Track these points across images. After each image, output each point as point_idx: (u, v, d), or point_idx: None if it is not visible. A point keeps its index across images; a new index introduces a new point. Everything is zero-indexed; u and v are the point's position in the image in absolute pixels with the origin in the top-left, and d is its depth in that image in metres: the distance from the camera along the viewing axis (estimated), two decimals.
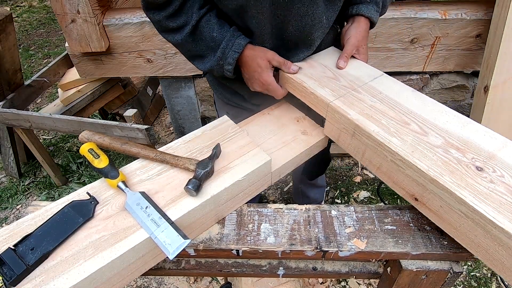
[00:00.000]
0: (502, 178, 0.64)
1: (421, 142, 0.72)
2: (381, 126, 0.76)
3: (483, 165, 0.66)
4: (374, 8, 0.96)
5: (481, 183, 0.63)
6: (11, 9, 5.15)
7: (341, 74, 0.93)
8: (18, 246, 0.62)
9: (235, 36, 0.90)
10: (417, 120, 0.77)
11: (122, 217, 0.68)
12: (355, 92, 0.86)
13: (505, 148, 0.70)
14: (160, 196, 0.72)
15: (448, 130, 0.74)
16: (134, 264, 0.67)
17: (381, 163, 0.76)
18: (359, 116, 0.78)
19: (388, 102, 0.82)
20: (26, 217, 0.69)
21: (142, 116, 2.74)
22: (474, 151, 0.69)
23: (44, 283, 0.58)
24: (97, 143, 0.80)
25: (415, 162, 0.67)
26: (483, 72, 1.85)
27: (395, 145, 0.71)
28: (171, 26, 0.90)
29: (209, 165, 0.74)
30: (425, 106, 0.81)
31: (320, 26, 0.93)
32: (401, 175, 0.72)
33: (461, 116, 0.78)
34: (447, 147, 0.70)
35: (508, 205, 0.59)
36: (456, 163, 0.67)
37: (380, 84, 0.89)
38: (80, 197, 0.72)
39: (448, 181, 0.63)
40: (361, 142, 0.78)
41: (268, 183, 0.87)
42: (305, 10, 0.87)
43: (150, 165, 0.79)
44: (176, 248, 0.63)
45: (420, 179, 0.67)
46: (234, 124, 0.90)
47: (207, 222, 0.76)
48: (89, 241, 0.64)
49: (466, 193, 0.61)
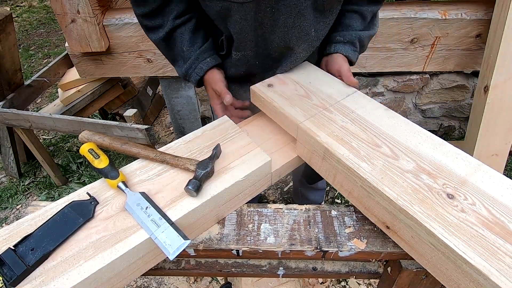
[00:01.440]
0: (473, 207, 0.61)
1: (392, 166, 0.68)
2: (351, 149, 0.73)
3: (454, 192, 0.63)
4: (351, 48, 0.97)
5: (452, 212, 0.60)
6: (11, 9, 5.16)
7: (313, 92, 0.90)
8: (18, 247, 0.62)
9: (199, 60, 0.95)
10: (388, 142, 0.74)
11: (122, 218, 0.68)
12: (327, 111, 0.83)
13: (477, 172, 0.67)
14: (160, 196, 0.72)
15: (420, 153, 0.71)
16: (135, 264, 0.67)
17: (352, 188, 0.73)
18: (329, 138, 0.75)
19: (360, 123, 0.79)
20: (26, 217, 0.69)
21: (142, 116, 2.74)
22: (446, 176, 0.66)
23: (44, 283, 0.58)
24: (97, 143, 0.80)
25: (384, 189, 0.64)
26: (483, 72, 1.85)
27: (364, 170, 0.68)
28: (146, 24, 0.95)
29: (209, 166, 0.74)
30: (398, 126, 0.78)
31: (307, 39, 0.91)
32: (372, 202, 0.68)
33: (434, 137, 0.75)
34: (418, 172, 0.67)
35: (479, 238, 0.56)
36: (426, 190, 0.64)
37: (353, 102, 0.86)
38: (80, 197, 0.72)
39: (418, 211, 0.60)
40: (332, 166, 0.75)
41: (268, 183, 0.87)
42: (291, 22, 0.85)
43: (150, 165, 0.79)
44: (176, 248, 0.63)
45: (390, 208, 0.64)
46: (234, 125, 0.90)
47: (207, 223, 0.76)
48: (89, 241, 0.64)
49: (436, 224, 0.58)
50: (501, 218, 0.59)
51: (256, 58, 0.96)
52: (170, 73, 2.06)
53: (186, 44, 0.94)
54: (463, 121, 2.51)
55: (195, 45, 0.95)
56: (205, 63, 0.95)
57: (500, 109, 1.85)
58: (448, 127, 2.55)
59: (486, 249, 0.55)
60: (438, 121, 2.52)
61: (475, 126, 1.96)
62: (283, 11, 0.83)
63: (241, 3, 0.80)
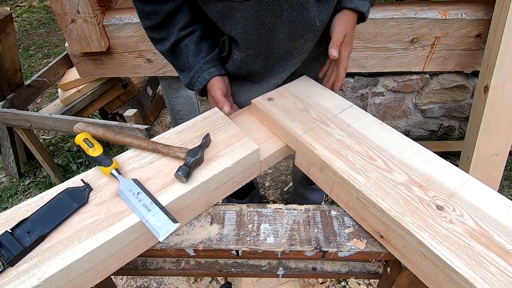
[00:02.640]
0: (461, 218, 0.64)
1: (385, 179, 0.72)
2: (347, 162, 0.76)
3: (444, 204, 0.66)
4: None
5: (441, 223, 0.63)
6: (11, 9, 5.16)
7: (311, 106, 0.93)
8: (15, 230, 0.65)
9: (203, 70, 0.97)
10: (382, 155, 0.77)
11: (115, 203, 0.70)
12: (324, 125, 0.86)
13: (466, 184, 0.70)
14: (152, 182, 0.75)
15: (412, 166, 0.74)
16: (127, 247, 0.69)
17: (348, 199, 0.76)
18: (326, 151, 0.78)
19: (356, 136, 0.82)
20: (23, 203, 0.71)
21: (142, 116, 2.74)
22: (436, 188, 0.69)
23: (40, 263, 0.61)
24: (91, 134, 0.82)
25: (378, 201, 0.67)
26: (483, 72, 1.85)
27: (359, 183, 0.71)
28: (153, 36, 0.98)
29: (199, 153, 0.76)
30: (392, 139, 0.81)
31: (312, 30, 0.91)
32: (367, 213, 0.71)
33: (425, 150, 0.78)
34: (410, 185, 0.70)
35: (466, 248, 0.59)
36: (417, 201, 0.67)
37: (349, 116, 0.89)
38: (74, 184, 0.74)
39: (409, 222, 0.63)
40: (329, 178, 0.78)
41: (257, 171, 0.89)
42: (295, 15, 0.85)
43: (142, 154, 0.82)
44: (166, 231, 0.65)
45: (383, 218, 0.67)
46: (224, 116, 0.92)
47: (197, 209, 0.79)
48: (83, 224, 0.66)
49: (426, 235, 0.61)
50: (486, 229, 0.62)
51: (258, 57, 0.96)
52: (170, 73, 2.06)
53: (191, 55, 0.97)
54: (463, 121, 2.51)
55: (199, 55, 0.97)
56: (209, 73, 0.97)
57: (500, 109, 1.85)
58: (448, 127, 2.55)
59: (472, 258, 0.58)
60: (438, 121, 2.52)
61: (475, 126, 1.96)
62: (286, 6, 0.82)
63: (242, 1, 0.80)
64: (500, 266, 0.57)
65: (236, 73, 1.03)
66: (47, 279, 0.58)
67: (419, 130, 2.59)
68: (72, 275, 0.62)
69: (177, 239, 0.75)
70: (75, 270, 0.62)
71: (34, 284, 0.57)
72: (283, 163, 2.46)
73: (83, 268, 0.63)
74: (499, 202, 0.66)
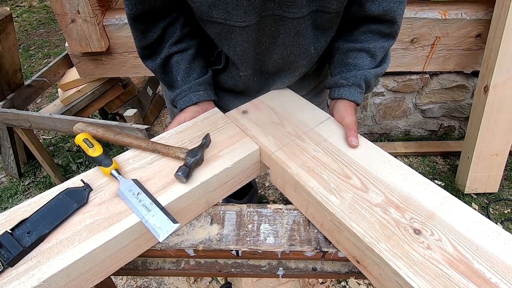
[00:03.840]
0: (439, 243, 0.60)
1: (361, 200, 0.68)
2: (322, 181, 0.72)
3: (421, 227, 0.63)
4: (357, 91, 0.89)
5: (418, 250, 0.59)
6: (11, 9, 5.16)
7: (287, 119, 0.90)
8: (15, 230, 0.64)
9: (191, 90, 0.92)
10: (359, 173, 0.74)
11: (115, 203, 0.70)
12: (299, 140, 0.83)
13: (445, 204, 0.67)
14: (151, 183, 0.74)
15: (390, 184, 0.71)
16: (127, 247, 0.69)
17: (323, 221, 0.72)
18: (299, 170, 0.75)
19: (332, 152, 0.79)
20: (23, 203, 0.71)
21: (142, 116, 2.74)
22: (414, 209, 0.66)
23: (40, 263, 0.60)
24: (91, 134, 0.82)
25: (351, 225, 0.63)
26: (483, 72, 1.85)
27: (333, 205, 0.67)
28: (145, 53, 0.92)
29: (199, 153, 0.76)
30: (369, 155, 0.78)
31: (306, 56, 0.90)
32: (341, 236, 0.68)
33: (404, 167, 0.74)
34: (387, 206, 0.67)
35: (443, 278, 0.55)
36: (394, 225, 0.63)
37: (325, 129, 0.85)
38: (74, 184, 0.74)
39: (383, 249, 0.59)
40: (303, 198, 0.75)
41: (258, 172, 0.88)
42: (290, 41, 0.84)
43: (142, 155, 0.82)
44: (166, 231, 0.65)
45: (358, 244, 0.64)
46: (224, 116, 0.92)
47: (198, 209, 0.78)
48: (83, 224, 0.66)
49: (401, 263, 0.57)
50: (466, 255, 0.59)
51: (254, 75, 0.95)
52: None
53: (181, 74, 0.92)
54: (463, 121, 2.51)
55: (190, 76, 0.93)
56: (197, 95, 0.92)
57: (500, 109, 1.85)
58: (448, 127, 2.55)
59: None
60: (438, 121, 2.52)
61: (475, 126, 1.96)
62: (282, 31, 0.82)
63: (244, 27, 0.78)
64: None
65: (232, 87, 1.01)
66: (47, 279, 0.58)
67: (419, 130, 2.59)
68: (72, 275, 0.62)
69: (177, 239, 0.75)
70: (75, 270, 0.62)
71: (34, 284, 0.57)
72: None
73: (83, 269, 0.63)
74: (479, 223, 0.63)
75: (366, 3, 0.82)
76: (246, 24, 0.77)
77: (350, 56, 0.91)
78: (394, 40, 0.90)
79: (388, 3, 0.81)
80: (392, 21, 0.85)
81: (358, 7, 0.85)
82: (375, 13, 0.83)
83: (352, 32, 0.90)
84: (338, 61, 0.94)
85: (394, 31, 0.88)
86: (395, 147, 2.47)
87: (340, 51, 0.93)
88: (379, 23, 0.86)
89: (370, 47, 0.89)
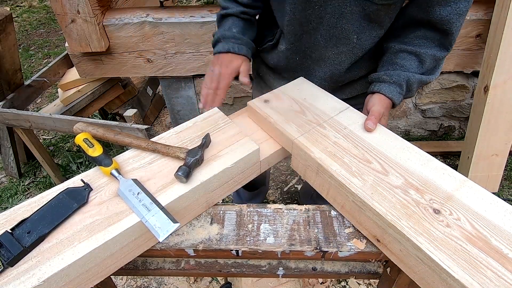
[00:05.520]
0: (458, 222, 0.63)
1: (382, 182, 0.71)
2: (343, 165, 0.75)
3: (440, 207, 0.65)
4: (397, 90, 0.90)
5: (438, 227, 0.62)
6: (11, 9, 5.16)
7: (307, 108, 0.92)
8: (15, 230, 0.65)
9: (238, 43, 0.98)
10: (379, 158, 0.76)
11: (115, 203, 0.70)
12: (320, 127, 0.85)
13: (463, 187, 0.69)
14: (151, 183, 0.75)
15: (409, 169, 0.73)
16: (127, 247, 0.69)
17: (344, 203, 0.75)
18: (322, 154, 0.77)
19: (352, 138, 0.81)
20: (23, 203, 0.71)
21: (142, 116, 2.74)
22: (433, 191, 0.69)
23: (40, 263, 0.60)
24: (91, 134, 0.83)
25: (374, 205, 0.66)
26: (483, 72, 1.85)
27: (355, 186, 0.70)
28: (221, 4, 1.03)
29: (199, 153, 0.76)
30: (388, 142, 0.80)
31: (347, 43, 0.91)
32: (363, 216, 0.70)
33: (422, 153, 0.77)
34: (407, 188, 0.69)
35: (463, 252, 0.58)
36: (414, 205, 0.66)
37: (345, 118, 0.88)
38: (74, 184, 0.74)
39: (405, 226, 0.62)
40: (325, 181, 0.77)
41: (257, 171, 0.89)
42: (334, 22, 0.87)
43: (142, 155, 0.82)
44: (166, 231, 0.66)
45: (380, 222, 0.66)
46: (224, 116, 0.92)
47: (197, 209, 0.79)
48: (83, 224, 0.66)
49: (422, 239, 0.60)
50: (484, 232, 0.61)
51: (298, 54, 0.99)
52: (170, 73, 2.06)
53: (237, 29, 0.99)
54: (463, 121, 2.51)
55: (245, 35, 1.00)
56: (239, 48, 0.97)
57: (500, 109, 1.85)
58: (448, 127, 2.55)
59: (469, 263, 0.57)
60: (438, 121, 2.52)
61: (475, 126, 1.96)
62: (329, 10, 0.85)
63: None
64: (497, 271, 0.56)
65: (275, 65, 1.06)
66: (47, 279, 0.58)
67: (419, 130, 2.59)
68: (72, 275, 0.62)
69: (177, 239, 0.75)
70: (75, 270, 0.62)
71: (34, 284, 0.57)
72: (283, 163, 2.46)
73: (83, 268, 0.63)
74: (496, 205, 0.65)
75: (428, 7, 0.83)
76: None
77: (399, 56, 0.92)
78: (448, 52, 0.91)
79: (449, 12, 0.82)
80: (447, 31, 0.85)
81: (419, 10, 0.86)
82: (433, 20, 0.84)
83: (407, 35, 0.92)
84: (387, 60, 0.95)
85: (448, 42, 0.88)
86: None
87: (391, 51, 0.94)
88: (435, 31, 0.87)
89: (421, 52, 0.89)
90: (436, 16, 0.83)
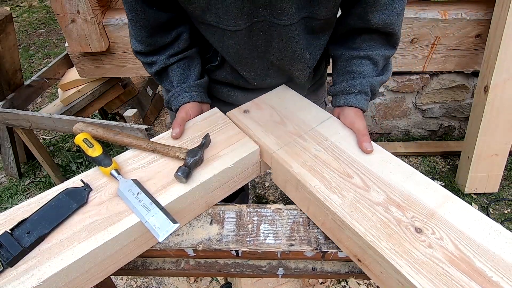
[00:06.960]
0: (440, 241, 0.60)
1: (362, 198, 0.68)
2: (323, 180, 0.72)
3: (423, 226, 0.63)
4: (363, 98, 0.90)
5: (419, 248, 0.59)
6: (11, 9, 5.16)
7: (288, 118, 0.89)
8: (15, 230, 0.64)
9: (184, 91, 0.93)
10: (360, 172, 0.73)
11: (115, 203, 0.70)
12: (301, 139, 0.83)
13: (446, 203, 0.66)
14: (151, 183, 0.74)
15: (391, 183, 0.71)
16: (127, 247, 0.69)
17: (324, 220, 0.72)
18: (301, 169, 0.75)
19: (333, 151, 0.79)
20: (22, 203, 0.71)
21: (142, 116, 2.74)
22: (415, 208, 0.66)
23: (39, 263, 0.60)
24: (91, 134, 0.82)
25: (353, 224, 0.63)
26: (483, 72, 1.85)
27: (335, 204, 0.67)
28: (141, 60, 0.95)
29: (199, 153, 0.76)
30: (370, 154, 0.78)
31: (301, 61, 0.90)
32: (343, 235, 0.68)
33: (404, 165, 0.74)
34: (388, 205, 0.67)
35: (444, 276, 0.55)
36: (395, 224, 0.63)
37: (327, 129, 0.85)
38: (74, 184, 0.74)
39: (385, 248, 0.59)
40: (305, 197, 0.75)
41: (257, 172, 0.88)
42: (284, 46, 0.85)
43: (142, 155, 0.82)
44: (166, 231, 0.66)
45: (359, 242, 0.64)
46: (224, 116, 0.92)
47: (197, 209, 0.78)
48: (83, 225, 0.66)
49: (403, 262, 0.57)
50: (467, 253, 0.59)
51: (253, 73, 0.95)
52: None
53: (176, 80, 0.94)
54: (463, 121, 2.51)
55: (186, 81, 0.94)
56: (189, 96, 0.93)
57: (500, 109, 1.85)
58: (448, 127, 2.55)
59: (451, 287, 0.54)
60: (438, 121, 2.52)
61: (475, 126, 1.96)
62: (275, 36, 0.82)
63: (234, 31, 0.80)
64: None
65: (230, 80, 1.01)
66: (46, 279, 0.58)
67: (419, 130, 2.59)
68: (71, 275, 0.62)
69: (176, 240, 0.75)
70: (75, 270, 0.62)
71: (33, 284, 0.57)
72: None
73: (82, 269, 0.63)
74: (480, 222, 0.63)
75: (366, 15, 0.83)
76: (236, 28, 0.79)
77: (353, 63, 0.91)
78: (395, 50, 0.91)
79: (388, 15, 0.82)
80: (391, 33, 0.86)
81: (357, 19, 0.85)
82: (374, 26, 0.84)
83: (354, 40, 0.91)
84: (341, 69, 0.94)
85: (394, 41, 0.89)
86: (395, 147, 2.47)
87: (342, 59, 0.93)
88: (379, 34, 0.87)
89: (373, 54, 0.89)
90: (377, 22, 0.83)
